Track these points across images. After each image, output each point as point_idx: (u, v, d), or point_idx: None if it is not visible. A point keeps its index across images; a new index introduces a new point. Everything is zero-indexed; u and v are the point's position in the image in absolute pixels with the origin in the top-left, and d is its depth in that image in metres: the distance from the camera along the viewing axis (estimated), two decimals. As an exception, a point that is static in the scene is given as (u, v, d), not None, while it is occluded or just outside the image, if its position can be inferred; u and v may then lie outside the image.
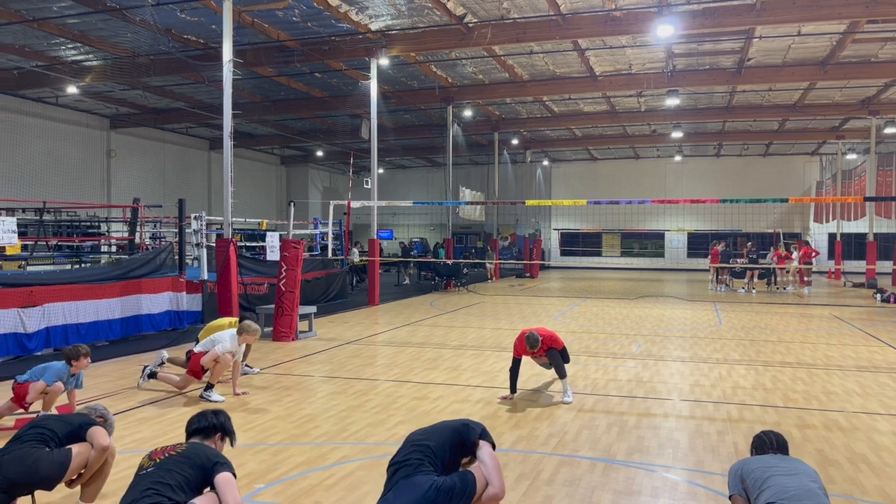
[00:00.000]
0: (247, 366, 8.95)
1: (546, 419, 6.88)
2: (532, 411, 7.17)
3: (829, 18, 15.07)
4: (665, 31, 14.69)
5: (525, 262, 30.84)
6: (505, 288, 24.39)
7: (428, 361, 9.97)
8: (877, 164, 25.87)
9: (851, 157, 30.36)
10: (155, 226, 18.46)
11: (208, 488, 3.61)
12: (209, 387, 7.67)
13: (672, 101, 22.38)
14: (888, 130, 24.67)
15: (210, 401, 7.49)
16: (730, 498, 3.71)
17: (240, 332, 7.86)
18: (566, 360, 7.83)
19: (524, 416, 6.96)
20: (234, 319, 9.04)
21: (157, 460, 3.61)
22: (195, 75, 19.54)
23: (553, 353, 7.69)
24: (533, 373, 8.74)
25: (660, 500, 4.84)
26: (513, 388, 7.69)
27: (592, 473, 5.32)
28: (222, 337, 7.76)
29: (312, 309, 12.78)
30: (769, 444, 3.89)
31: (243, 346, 8.12)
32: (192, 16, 15.45)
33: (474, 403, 7.47)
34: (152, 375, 8.01)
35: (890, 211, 24.41)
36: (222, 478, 3.58)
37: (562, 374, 7.71)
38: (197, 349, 7.84)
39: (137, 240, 15.58)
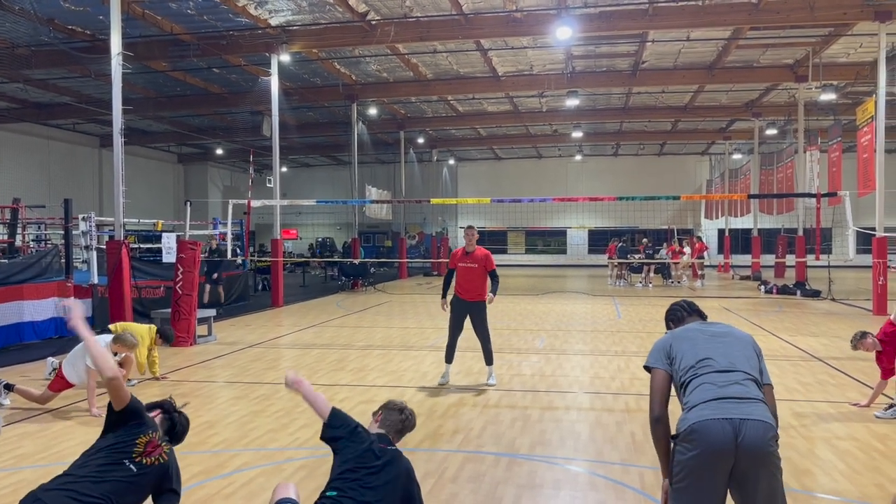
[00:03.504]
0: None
1: (451, 416, 6.90)
2: (438, 409, 7.17)
3: (716, 25, 15.90)
4: (564, 33, 15.06)
5: (432, 260, 30.96)
6: (413, 286, 24.39)
7: (333, 363, 9.81)
8: (759, 163, 27.52)
9: (737, 156, 32.16)
10: (39, 227, 17.36)
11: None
12: None
13: (572, 102, 22.98)
14: (769, 132, 26.26)
15: None
16: (646, 369, 3.33)
17: (115, 340, 7.19)
18: (497, 278, 8.33)
19: (430, 414, 6.95)
20: (154, 327, 8.61)
21: (144, 464, 3.46)
22: (81, 68, 18.46)
23: (483, 323, 8.23)
24: (440, 371, 8.76)
25: (561, 492, 4.94)
26: (444, 295, 8.44)
27: (497, 468, 5.37)
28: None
29: (212, 312, 12.35)
30: (688, 312, 3.59)
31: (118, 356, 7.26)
32: (77, 5, 14.58)
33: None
34: (9, 388, 7.29)
35: (772, 207, 26.02)
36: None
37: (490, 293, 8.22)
38: (67, 359, 7.21)
39: (19, 242, 14.60)
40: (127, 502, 3.33)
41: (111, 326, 8.70)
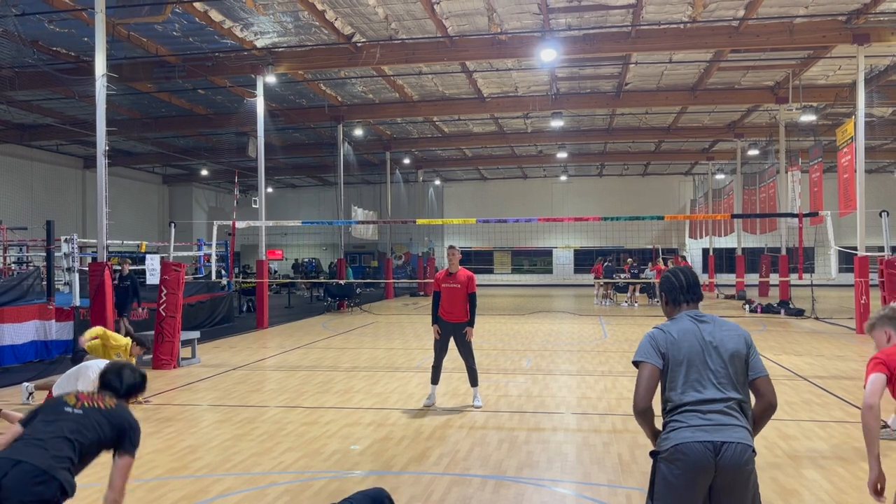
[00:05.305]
0: None
1: (438, 439, 6.84)
2: (424, 431, 7.11)
3: (697, 47, 16.12)
4: (548, 56, 15.20)
5: (419, 280, 30.91)
6: (399, 307, 24.31)
7: (319, 385, 9.73)
8: (742, 183, 27.81)
9: (720, 177, 32.49)
10: (21, 249, 17.18)
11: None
12: None
13: (557, 123, 23.19)
14: (751, 152, 26.58)
15: None
16: (634, 364, 3.21)
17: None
18: (474, 303, 8.26)
19: (416, 437, 6.89)
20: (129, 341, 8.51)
21: (85, 406, 3.42)
22: (66, 90, 18.39)
23: (468, 344, 8.20)
24: (426, 392, 8.70)
25: (549, 515, 4.89)
26: (435, 320, 8.26)
27: (483, 491, 5.32)
28: (87, 372, 6.97)
29: (196, 334, 12.22)
30: (686, 299, 3.52)
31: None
32: (62, 27, 14.56)
33: (366, 426, 7.33)
34: None
35: (755, 227, 26.25)
36: (123, 463, 3.42)
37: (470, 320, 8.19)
38: (58, 384, 7.14)
39: (0, 264, 14.43)
40: (89, 440, 3.30)
41: (91, 346, 8.47)
